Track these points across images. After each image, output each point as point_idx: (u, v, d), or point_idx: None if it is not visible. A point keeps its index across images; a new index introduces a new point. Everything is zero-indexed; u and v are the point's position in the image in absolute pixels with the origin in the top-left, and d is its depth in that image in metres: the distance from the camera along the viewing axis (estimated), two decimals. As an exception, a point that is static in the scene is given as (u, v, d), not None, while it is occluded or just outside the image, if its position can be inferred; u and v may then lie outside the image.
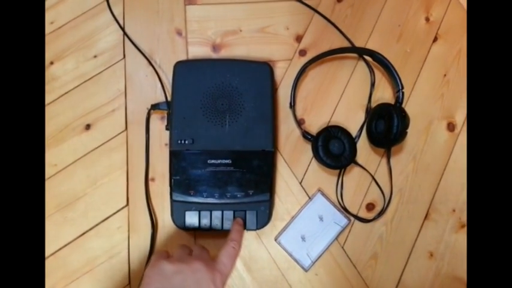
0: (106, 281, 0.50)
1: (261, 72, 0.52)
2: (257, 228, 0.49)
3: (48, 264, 0.51)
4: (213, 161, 0.49)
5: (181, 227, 0.49)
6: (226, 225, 0.48)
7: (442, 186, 0.54)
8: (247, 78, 0.51)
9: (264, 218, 0.49)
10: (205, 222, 0.48)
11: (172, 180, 0.49)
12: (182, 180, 0.49)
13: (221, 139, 0.49)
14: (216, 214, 0.48)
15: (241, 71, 0.52)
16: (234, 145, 0.49)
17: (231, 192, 0.48)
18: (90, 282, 0.50)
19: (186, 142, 0.49)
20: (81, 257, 0.51)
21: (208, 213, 0.48)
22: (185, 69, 0.52)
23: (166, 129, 0.51)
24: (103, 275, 0.50)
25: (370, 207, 0.53)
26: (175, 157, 0.49)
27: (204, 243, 0.46)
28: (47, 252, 0.51)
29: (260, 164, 0.49)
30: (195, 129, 0.49)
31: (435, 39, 0.59)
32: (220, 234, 0.50)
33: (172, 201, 0.49)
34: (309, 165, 0.54)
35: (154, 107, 0.53)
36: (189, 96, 0.50)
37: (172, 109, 0.51)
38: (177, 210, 0.49)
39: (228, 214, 0.48)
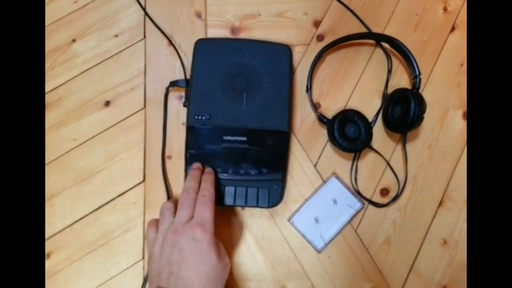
0: (120, 255, 0.51)
1: (281, 53, 0.53)
2: (269, 207, 0.49)
3: (65, 235, 0.51)
4: (228, 137, 0.49)
5: None
6: (239, 202, 0.48)
7: (457, 174, 0.54)
8: (266, 59, 0.52)
9: (276, 197, 0.49)
10: (218, 198, 0.48)
11: (188, 154, 0.49)
12: (197, 154, 0.49)
13: (237, 117, 0.50)
14: (229, 190, 0.48)
15: (261, 51, 0.52)
16: (250, 123, 0.50)
17: (245, 169, 0.49)
18: (104, 255, 0.51)
19: (203, 118, 0.50)
20: (96, 230, 0.52)
21: (221, 188, 0.48)
22: (206, 47, 0.52)
23: (184, 105, 0.52)
24: (117, 249, 0.51)
25: (384, 192, 0.53)
26: (192, 132, 0.50)
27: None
28: (64, 224, 0.52)
29: (275, 144, 0.49)
30: (212, 106, 0.50)
31: (452, 29, 0.59)
32: (232, 210, 0.51)
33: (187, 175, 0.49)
34: (323, 149, 0.54)
35: (173, 83, 0.53)
36: (208, 73, 0.51)
37: (191, 85, 0.51)
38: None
39: (241, 190, 0.49)
